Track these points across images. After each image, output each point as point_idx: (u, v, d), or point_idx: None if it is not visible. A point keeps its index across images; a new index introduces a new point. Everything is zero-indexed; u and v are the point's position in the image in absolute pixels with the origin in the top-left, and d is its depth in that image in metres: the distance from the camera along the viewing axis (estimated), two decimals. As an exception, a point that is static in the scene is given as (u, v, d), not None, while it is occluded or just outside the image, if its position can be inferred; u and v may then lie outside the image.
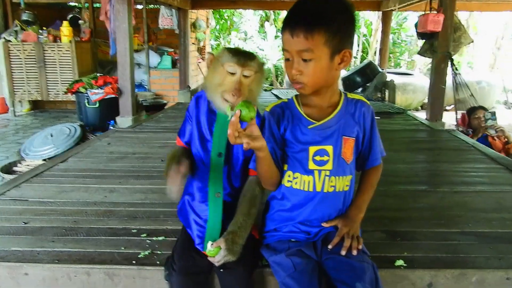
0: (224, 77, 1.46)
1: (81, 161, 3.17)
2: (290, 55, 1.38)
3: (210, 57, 1.52)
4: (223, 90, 1.45)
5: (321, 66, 1.36)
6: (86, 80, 5.93)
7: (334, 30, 1.32)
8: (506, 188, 2.64)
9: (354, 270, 1.39)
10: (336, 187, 1.51)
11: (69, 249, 1.76)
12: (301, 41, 1.32)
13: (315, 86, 1.41)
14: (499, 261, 1.70)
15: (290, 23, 1.35)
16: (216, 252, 1.42)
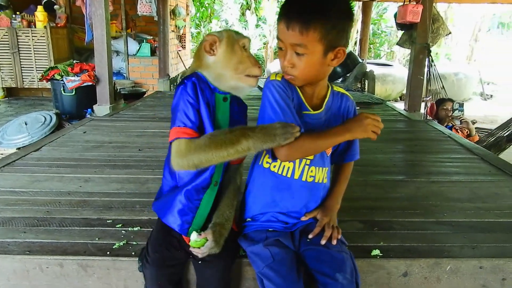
0: (241, 54, 1.41)
1: (55, 150, 3.09)
2: (283, 45, 1.37)
3: (213, 38, 1.41)
4: (246, 67, 1.41)
5: (313, 62, 1.35)
6: (62, 67, 5.79)
7: (329, 27, 1.30)
8: (480, 178, 2.68)
9: (335, 261, 1.40)
10: (315, 178, 1.50)
11: (41, 240, 1.71)
12: (296, 35, 1.31)
13: (306, 80, 1.41)
14: (473, 250, 1.73)
15: (287, 14, 1.33)
16: (202, 244, 1.40)
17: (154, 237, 1.54)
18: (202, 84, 1.42)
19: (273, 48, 13.59)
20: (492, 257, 1.68)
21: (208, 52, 1.42)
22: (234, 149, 1.29)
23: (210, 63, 1.43)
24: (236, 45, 1.42)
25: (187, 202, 1.46)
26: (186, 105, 1.37)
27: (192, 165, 1.34)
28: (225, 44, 1.41)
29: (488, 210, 2.15)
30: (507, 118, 5.40)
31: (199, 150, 1.31)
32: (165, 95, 6.56)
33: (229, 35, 1.43)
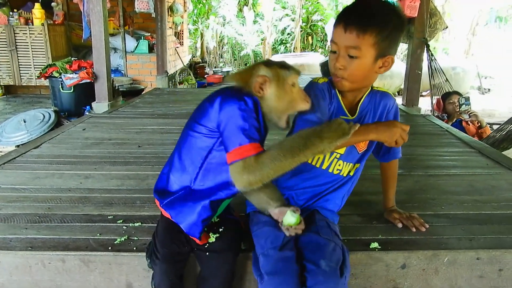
0: (291, 93, 1.41)
1: (55, 147, 3.10)
2: (337, 48, 1.44)
3: (263, 79, 1.38)
4: (295, 105, 1.43)
5: (363, 65, 1.44)
6: (60, 64, 5.80)
7: (384, 35, 1.40)
8: (478, 171, 2.70)
9: (321, 248, 1.44)
10: (342, 171, 1.62)
11: (43, 236, 1.73)
12: (353, 37, 1.39)
13: (354, 82, 1.49)
14: (470, 241, 1.74)
15: (347, 18, 1.42)
16: (299, 219, 1.46)
17: (161, 233, 1.55)
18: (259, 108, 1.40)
19: (271, 44, 13.60)
20: (489, 249, 1.70)
21: (258, 92, 1.38)
22: (311, 152, 1.30)
23: (259, 95, 1.41)
24: (286, 85, 1.40)
25: (212, 212, 1.48)
26: (251, 120, 1.33)
27: (265, 178, 1.30)
28: (275, 85, 1.39)
29: (485, 202, 2.18)
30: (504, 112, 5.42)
31: (274, 161, 1.29)
32: (163, 91, 6.56)
33: (279, 75, 1.39)
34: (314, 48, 14.19)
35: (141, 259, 1.59)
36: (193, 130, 1.42)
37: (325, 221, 1.58)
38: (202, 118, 1.40)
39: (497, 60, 14.32)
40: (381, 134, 1.45)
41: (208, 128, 1.38)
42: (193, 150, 1.43)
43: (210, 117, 1.37)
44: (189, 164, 1.45)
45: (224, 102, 1.34)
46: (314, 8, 13.97)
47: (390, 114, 1.64)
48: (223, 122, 1.33)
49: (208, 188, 1.45)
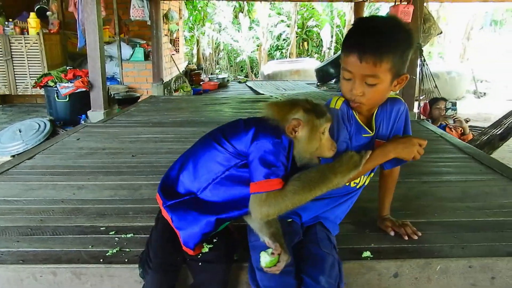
0: (320, 140, 1.41)
1: (49, 157, 3.10)
2: (352, 76, 1.44)
3: (297, 122, 1.37)
4: (321, 152, 1.43)
5: (382, 90, 1.46)
6: (55, 73, 5.80)
7: (398, 57, 1.41)
8: (471, 177, 2.71)
9: (321, 262, 1.44)
10: (359, 184, 1.68)
11: (34, 249, 1.72)
12: (370, 67, 1.39)
13: (372, 105, 1.53)
14: (462, 249, 1.75)
15: (359, 47, 1.39)
16: (276, 260, 1.39)
17: (155, 241, 1.55)
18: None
19: (267, 50, 13.63)
20: (481, 256, 1.70)
21: (290, 133, 1.38)
22: (326, 186, 1.35)
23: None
24: (317, 132, 1.40)
25: (214, 229, 1.48)
26: (281, 157, 1.35)
27: (283, 211, 1.35)
28: (307, 131, 1.39)
29: (478, 209, 2.18)
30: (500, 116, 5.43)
31: (294, 195, 1.33)
32: (159, 99, 6.56)
33: (314, 123, 1.39)
34: (310, 54, 14.23)
35: (133, 271, 1.59)
36: (219, 143, 1.42)
37: (326, 233, 1.60)
38: (233, 138, 1.40)
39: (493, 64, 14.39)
40: (400, 153, 1.51)
41: (236, 149, 1.39)
42: (213, 162, 1.43)
43: (242, 141, 1.38)
44: (204, 173, 1.44)
45: (261, 134, 1.36)
46: (309, 14, 14.03)
47: (402, 117, 1.65)
48: (254, 152, 1.35)
49: (214, 202, 1.44)
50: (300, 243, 1.54)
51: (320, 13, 13.78)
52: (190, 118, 4.92)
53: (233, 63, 14.23)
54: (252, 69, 13.88)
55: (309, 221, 1.65)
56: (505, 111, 8.86)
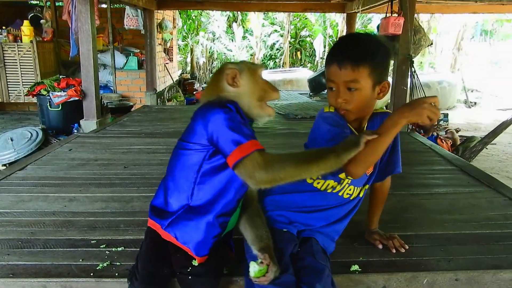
0: (261, 82, 1.50)
1: (41, 168, 3.10)
2: (335, 85, 1.53)
3: (234, 72, 1.44)
4: (266, 95, 1.49)
5: (364, 95, 1.52)
6: (48, 82, 5.79)
7: (375, 65, 1.50)
8: (459, 189, 2.75)
9: (317, 272, 1.47)
10: (352, 196, 1.68)
11: (24, 262, 1.73)
12: (349, 72, 1.48)
13: (358, 112, 1.57)
14: (448, 263, 1.77)
15: (338, 57, 1.52)
16: (265, 270, 1.38)
17: (144, 253, 1.56)
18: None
19: (260, 59, 13.69)
20: (467, 269, 1.73)
21: (231, 85, 1.44)
22: (323, 163, 1.31)
23: (233, 94, 1.45)
24: (256, 75, 1.48)
25: (220, 228, 1.49)
26: (239, 120, 1.34)
27: (277, 178, 1.28)
28: (247, 75, 1.47)
29: (465, 221, 2.22)
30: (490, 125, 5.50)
31: (287, 163, 1.29)
32: (152, 109, 6.58)
33: (249, 67, 1.49)
34: (303, 63, 14.32)
35: (123, 285, 1.59)
36: (183, 148, 1.45)
37: (320, 247, 1.62)
38: (190, 137, 1.43)
39: (483, 74, 14.57)
40: (409, 116, 1.36)
41: (197, 144, 1.40)
42: (186, 168, 1.45)
43: (198, 133, 1.39)
44: (184, 182, 1.46)
45: (208, 113, 1.36)
46: (302, 24, 14.14)
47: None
48: (214, 132, 1.33)
49: (207, 201, 1.45)
50: (296, 255, 1.56)
51: (313, 23, 13.90)
52: (182, 129, 4.84)
53: (227, 72, 14.28)
54: (245, 78, 13.96)
55: (305, 233, 1.66)
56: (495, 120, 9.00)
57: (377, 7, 6.74)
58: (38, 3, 8.47)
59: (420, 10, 8.11)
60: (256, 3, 8.43)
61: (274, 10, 9.96)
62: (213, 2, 8.39)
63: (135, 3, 6.96)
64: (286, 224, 1.64)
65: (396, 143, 1.71)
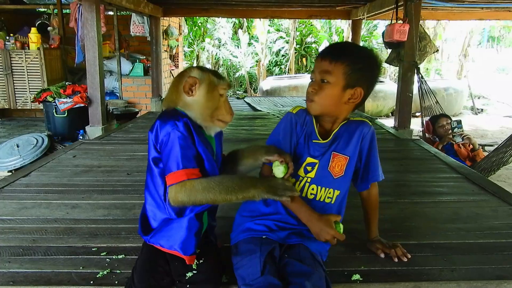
0: (218, 100, 1.49)
1: (44, 175, 3.11)
2: (314, 76, 1.60)
3: (194, 80, 1.46)
4: (219, 113, 1.50)
5: (333, 92, 1.56)
6: (54, 89, 5.83)
7: (355, 68, 1.54)
8: (463, 198, 2.72)
9: (303, 274, 1.46)
10: (317, 196, 1.64)
11: (25, 270, 1.73)
12: (327, 63, 1.55)
13: (322, 108, 1.60)
14: (451, 272, 1.75)
15: (323, 51, 1.62)
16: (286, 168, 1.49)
17: (140, 267, 1.56)
18: (192, 122, 1.46)
19: (265, 66, 13.73)
20: (470, 279, 1.71)
21: (187, 93, 1.47)
22: (242, 195, 1.40)
23: (188, 102, 1.48)
24: (215, 91, 1.48)
25: (199, 223, 1.53)
26: (184, 146, 1.40)
27: (197, 203, 1.42)
28: (205, 88, 1.47)
29: (468, 231, 2.19)
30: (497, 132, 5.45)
31: (208, 191, 1.38)
32: (156, 115, 6.58)
33: (211, 80, 1.48)
34: (309, 70, 14.33)
35: (124, 294, 1.60)
36: (151, 162, 1.50)
37: (309, 252, 1.59)
38: (150, 152, 1.49)
39: (490, 80, 14.49)
40: (312, 228, 1.55)
41: (158, 155, 1.46)
42: (156, 180, 1.50)
43: (152, 147, 1.47)
44: (157, 192, 1.51)
45: (160, 127, 1.43)
46: (308, 30, 14.16)
47: (366, 140, 1.68)
48: (162, 148, 1.43)
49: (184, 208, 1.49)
50: (281, 259, 1.56)
51: (318, 30, 13.92)
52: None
53: (232, 79, 14.31)
54: (251, 84, 13.96)
55: (292, 240, 1.64)
56: (502, 127, 8.93)
57: (383, 13, 6.74)
58: (46, 11, 8.53)
59: (426, 16, 8.10)
60: (262, 10, 8.45)
61: (280, 17, 9.98)
62: (218, 9, 8.43)
63: (141, 10, 7.00)
64: (265, 231, 1.63)
65: (372, 152, 1.71)
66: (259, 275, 1.43)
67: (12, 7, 8.20)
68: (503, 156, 4.52)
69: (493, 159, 4.59)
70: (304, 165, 1.63)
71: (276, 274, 1.47)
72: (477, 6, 7.15)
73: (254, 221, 1.66)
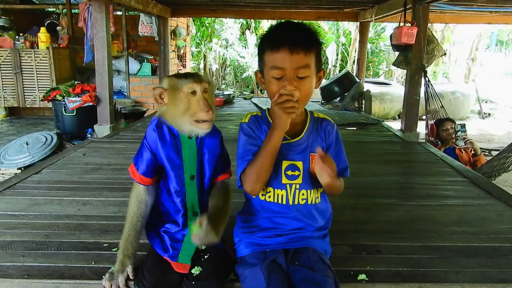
0: (187, 100, 1.49)
1: (55, 172, 3.16)
2: (283, 73, 1.44)
3: (159, 90, 1.51)
4: (193, 113, 1.49)
5: (311, 83, 1.49)
6: (64, 88, 5.89)
7: (319, 51, 1.50)
8: (469, 202, 2.74)
9: (317, 284, 1.45)
10: (308, 200, 1.60)
11: (39, 264, 1.78)
12: (301, 57, 1.43)
13: (305, 101, 1.51)
14: (456, 275, 1.78)
15: (289, 41, 1.43)
16: (199, 229, 1.42)
17: (149, 261, 1.62)
18: (165, 128, 1.56)
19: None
20: (474, 283, 1.73)
21: (160, 103, 1.52)
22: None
23: (163, 111, 1.54)
24: (180, 93, 1.49)
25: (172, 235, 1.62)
26: (143, 148, 1.62)
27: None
28: (169, 94, 1.50)
29: (474, 234, 2.21)
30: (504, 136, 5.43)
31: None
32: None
33: (171, 84, 1.50)
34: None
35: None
36: None
37: (318, 255, 1.58)
38: None
39: (498, 84, 14.43)
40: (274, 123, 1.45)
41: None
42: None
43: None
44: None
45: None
46: (315, 32, 14.14)
47: (331, 137, 1.63)
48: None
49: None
50: (289, 266, 1.55)
51: (326, 31, 13.92)
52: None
53: (239, 79, 14.34)
54: (258, 85, 13.98)
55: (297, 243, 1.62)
56: (509, 132, 8.90)
57: (391, 16, 6.74)
58: (55, 11, 8.61)
59: (434, 20, 8.09)
60: (269, 11, 8.48)
61: (288, 18, 10.00)
62: (226, 10, 8.46)
63: (150, 11, 7.05)
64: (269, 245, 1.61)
65: (338, 148, 1.64)
66: (266, 286, 1.43)
67: (22, 7, 8.29)
68: (504, 161, 4.51)
69: (495, 163, 4.59)
70: (283, 172, 1.57)
71: (285, 282, 1.47)
72: (486, 10, 7.14)
73: (255, 235, 1.64)
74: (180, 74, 1.56)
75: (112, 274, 1.61)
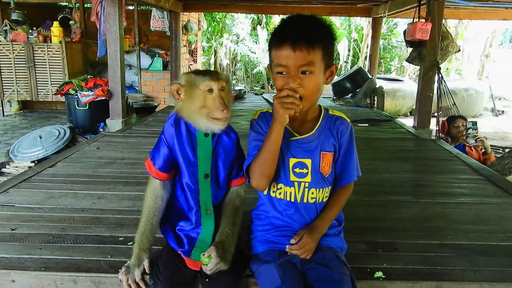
0: (204, 98, 1.47)
1: (70, 166, 3.18)
2: (286, 69, 1.42)
3: (176, 86, 1.50)
4: (210, 111, 1.47)
5: (318, 80, 1.45)
6: (76, 82, 5.93)
7: (327, 46, 1.44)
8: (485, 200, 2.70)
9: (334, 282, 1.44)
10: (318, 199, 1.59)
11: (56, 257, 1.79)
12: (304, 54, 1.39)
13: (312, 99, 1.49)
14: (474, 273, 1.76)
15: (291, 38, 1.40)
16: (209, 261, 1.47)
17: (164, 255, 1.63)
18: (182, 124, 1.55)
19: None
20: (493, 282, 1.71)
21: (177, 99, 1.51)
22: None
23: (179, 107, 1.53)
24: (197, 90, 1.47)
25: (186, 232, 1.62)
26: (160, 143, 1.60)
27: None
28: (187, 89, 1.49)
29: (491, 233, 2.18)
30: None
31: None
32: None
33: (189, 80, 1.48)
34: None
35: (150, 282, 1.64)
36: None
37: (333, 253, 1.57)
38: None
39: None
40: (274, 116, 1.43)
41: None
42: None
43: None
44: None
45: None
46: (327, 27, 14.05)
47: (344, 138, 1.60)
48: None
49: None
50: (304, 264, 1.53)
51: (337, 27, 13.83)
52: (206, 130, 4.97)
53: (250, 74, 14.33)
54: (268, 80, 13.94)
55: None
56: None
57: (404, 12, 6.68)
58: (68, 5, 8.66)
59: (448, 15, 8.00)
60: (281, 6, 8.45)
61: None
62: (238, 5, 8.44)
63: (162, 5, 7.06)
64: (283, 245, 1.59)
65: (350, 149, 1.61)
66: (280, 283, 1.42)
67: (35, 1, 8.36)
68: None
69: (506, 161, 4.53)
70: (291, 169, 1.56)
71: (301, 280, 1.46)
72: (501, 6, 7.04)
73: (270, 233, 1.64)
74: (198, 70, 1.54)
75: (128, 268, 1.61)
